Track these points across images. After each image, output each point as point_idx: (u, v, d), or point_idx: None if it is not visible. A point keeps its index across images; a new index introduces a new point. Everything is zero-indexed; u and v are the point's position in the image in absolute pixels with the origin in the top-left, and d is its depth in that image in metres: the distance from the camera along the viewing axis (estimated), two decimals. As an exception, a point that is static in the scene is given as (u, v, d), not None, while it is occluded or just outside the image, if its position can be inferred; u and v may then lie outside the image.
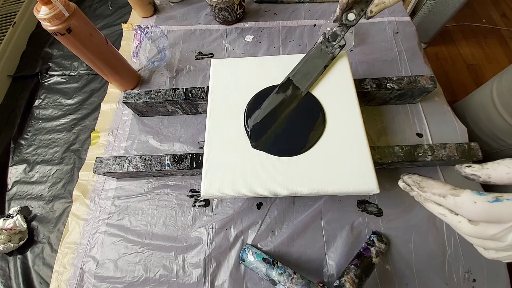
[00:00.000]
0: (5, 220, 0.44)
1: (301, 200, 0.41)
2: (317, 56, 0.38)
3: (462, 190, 0.19)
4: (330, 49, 0.37)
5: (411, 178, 0.23)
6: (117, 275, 0.38)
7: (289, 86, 0.38)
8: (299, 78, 0.38)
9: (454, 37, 1.34)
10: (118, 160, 0.40)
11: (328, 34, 0.37)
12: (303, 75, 0.38)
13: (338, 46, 0.37)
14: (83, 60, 0.43)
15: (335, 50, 0.37)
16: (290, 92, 0.37)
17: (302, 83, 0.37)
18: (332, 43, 0.37)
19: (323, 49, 0.37)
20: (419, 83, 0.41)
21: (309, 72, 0.38)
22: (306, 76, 0.37)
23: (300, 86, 0.37)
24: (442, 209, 0.21)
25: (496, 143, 0.49)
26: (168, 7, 0.64)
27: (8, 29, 0.67)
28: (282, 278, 0.32)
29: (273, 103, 0.37)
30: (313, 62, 0.38)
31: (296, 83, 0.38)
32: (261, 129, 0.36)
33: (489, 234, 0.18)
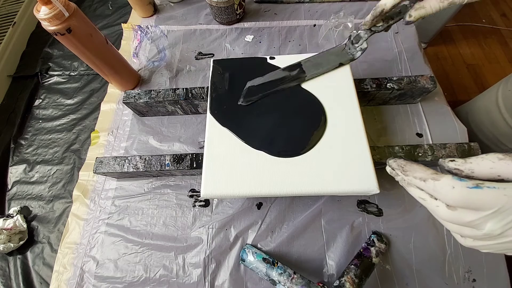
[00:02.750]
0: (5, 220, 0.44)
1: (301, 200, 0.41)
2: (335, 53, 0.38)
3: (443, 175, 0.19)
4: (352, 50, 0.37)
5: (396, 162, 0.23)
6: (117, 275, 0.38)
7: (297, 68, 0.39)
8: (309, 66, 0.39)
9: (454, 37, 1.34)
10: (118, 160, 0.40)
11: (353, 37, 0.37)
12: (315, 64, 0.39)
13: (360, 48, 0.37)
14: (83, 60, 0.43)
15: (356, 53, 0.37)
16: (295, 74, 0.39)
17: (310, 70, 0.38)
18: (354, 45, 0.37)
19: (345, 50, 0.38)
20: (419, 83, 0.41)
21: (322, 63, 0.38)
22: (316, 66, 0.38)
23: (307, 72, 0.38)
24: (423, 193, 0.21)
25: (497, 148, 0.50)
26: (168, 7, 0.64)
27: (8, 29, 0.67)
28: (282, 278, 0.32)
29: (275, 76, 0.39)
30: (329, 57, 0.38)
31: (304, 68, 0.39)
32: (254, 92, 0.38)
33: (466, 220, 0.18)
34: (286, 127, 0.36)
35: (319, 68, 0.38)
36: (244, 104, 0.38)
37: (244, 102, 0.38)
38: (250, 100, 0.38)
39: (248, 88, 0.39)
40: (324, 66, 0.38)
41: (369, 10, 0.58)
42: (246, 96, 0.38)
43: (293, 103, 0.38)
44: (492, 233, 0.17)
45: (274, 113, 0.37)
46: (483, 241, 0.19)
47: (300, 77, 0.38)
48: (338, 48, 0.38)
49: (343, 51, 0.38)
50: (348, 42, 0.38)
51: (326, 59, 0.38)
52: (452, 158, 0.21)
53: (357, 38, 0.37)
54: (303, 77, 0.38)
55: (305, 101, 0.38)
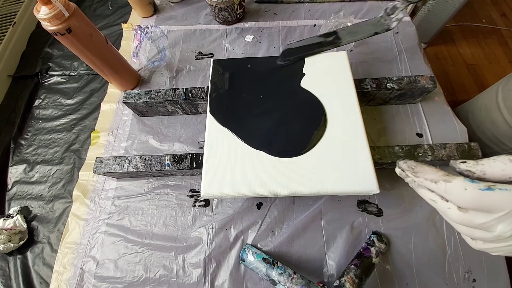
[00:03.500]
0: (5, 220, 0.44)
1: (301, 200, 0.41)
2: (371, 23, 0.39)
3: (455, 176, 0.19)
4: (388, 21, 0.38)
5: (407, 163, 0.23)
6: (117, 275, 0.38)
7: (333, 35, 0.41)
8: (345, 34, 0.40)
9: (454, 37, 1.34)
10: (118, 160, 0.40)
11: (389, 8, 0.38)
12: (350, 33, 0.40)
13: (395, 19, 0.38)
14: (83, 60, 0.43)
15: (392, 23, 0.38)
16: (331, 39, 0.40)
17: (345, 37, 0.40)
18: (390, 16, 0.38)
19: (380, 21, 0.39)
20: (419, 83, 0.41)
21: (357, 32, 0.40)
22: (352, 34, 0.40)
23: (342, 38, 0.40)
24: (433, 195, 0.20)
25: (498, 147, 0.50)
26: (168, 7, 0.64)
27: (8, 29, 0.67)
28: (282, 278, 0.32)
29: (312, 40, 0.41)
30: (365, 27, 0.40)
31: (340, 35, 0.40)
32: (291, 53, 0.40)
33: (478, 222, 0.18)
34: (286, 127, 0.36)
35: (355, 36, 0.39)
36: (281, 63, 0.40)
37: (282, 60, 0.40)
38: (287, 60, 0.40)
39: (285, 49, 0.41)
40: (359, 34, 0.39)
41: (369, 10, 0.59)
42: (284, 56, 0.40)
43: (293, 103, 0.38)
44: (503, 235, 0.17)
45: (274, 113, 0.37)
46: (494, 243, 0.18)
47: (336, 43, 0.40)
48: (373, 20, 0.39)
49: (378, 22, 0.39)
50: (383, 14, 0.38)
51: (362, 28, 0.40)
52: (463, 159, 0.20)
53: (393, 9, 0.37)
54: (339, 43, 0.40)
55: (305, 101, 0.38)
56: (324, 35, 0.41)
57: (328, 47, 0.40)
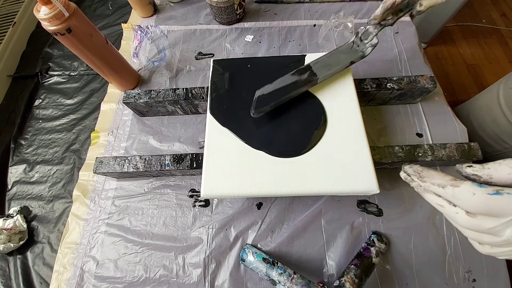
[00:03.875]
0: (5, 220, 0.44)
1: (301, 200, 0.41)
2: (345, 52, 0.37)
3: (462, 181, 0.19)
4: (362, 47, 0.36)
5: (412, 167, 0.23)
6: (117, 275, 0.38)
7: (307, 71, 0.37)
8: (319, 67, 0.37)
9: (454, 37, 1.34)
10: (118, 160, 0.40)
11: (361, 33, 0.36)
12: (325, 65, 0.37)
13: (370, 45, 0.35)
14: (83, 60, 0.43)
15: (366, 49, 0.36)
16: (306, 77, 0.36)
17: (321, 72, 0.36)
18: (364, 42, 0.36)
19: (353, 47, 0.36)
20: (419, 83, 0.41)
21: (332, 64, 0.37)
22: (327, 67, 0.37)
23: (318, 74, 0.36)
24: (440, 200, 0.20)
25: (499, 145, 0.50)
26: (168, 7, 0.64)
27: (8, 29, 0.67)
28: (282, 278, 0.32)
29: (285, 81, 0.37)
30: (339, 56, 0.37)
31: (314, 70, 0.37)
32: (265, 101, 0.36)
33: (486, 227, 0.18)
34: (286, 127, 0.36)
35: (331, 69, 0.36)
36: (256, 116, 0.35)
37: (256, 113, 0.35)
38: (262, 111, 0.35)
39: (258, 97, 0.36)
40: (335, 66, 0.36)
41: (369, 10, 0.59)
42: (258, 107, 0.35)
43: (293, 103, 0.38)
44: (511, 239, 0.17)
45: (274, 113, 0.37)
46: (502, 247, 0.18)
47: (312, 80, 0.36)
48: (346, 47, 0.37)
49: (352, 49, 0.36)
50: (356, 39, 0.36)
51: (336, 58, 0.37)
52: (469, 163, 0.20)
53: (366, 35, 0.35)
54: (315, 80, 0.36)
55: (305, 101, 0.38)
56: (297, 72, 0.37)
57: (304, 87, 0.36)
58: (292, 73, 0.37)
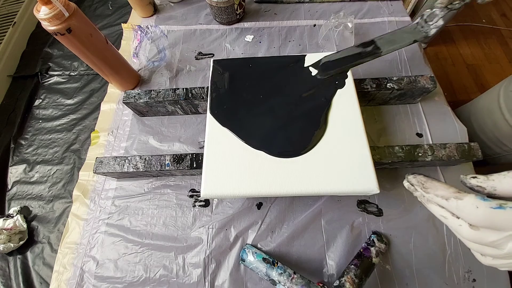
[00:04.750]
0: (5, 220, 0.44)
1: (301, 200, 0.41)
2: (409, 31, 0.38)
3: (466, 194, 0.19)
4: (426, 28, 0.37)
5: (416, 178, 0.23)
6: (117, 275, 0.38)
7: (371, 44, 0.39)
8: (383, 42, 0.39)
9: (454, 37, 1.34)
10: (118, 160, 0.40)
11: (427, 15, 0.37)
12: (389, 41, 0.39)
13: (434, 26, 0.36)
14: (83, 60, 0.43)
15: (430, 30, 0.37)
16: (370, 49, 0.39)
17: (384, 46, 0.39)
18: (428, 23, 0.37)
19: (417, 28, 0.38)
20: (419, 83, 0.41)
21: (396, 40, 0.39)
22: (391, 42, 0.39)
23: (382, 48, 0.39)
24: (444, 211, 0.20)
25: (499, 148, 0.49)
26: (168, 7, 0.64)
27: (8, 29, 0.67)
28: (282, 278, 0.32)
29: (351, 51, 0.40)
30: (403, 35, 0.39)
31: (378, 45, 0.39)
32: (330, 67, 0.39)
33: (489, 240, 0.18)
34: (286, 127, 0.36)
35: (394, 44, 0.38)
36: (321, 77, 0.39)
37: (322, 75, 0.39)
38: (327, 74, 0.39)
39: (324, 63, 0.40)
40: (398, 43, 0.38)
41: (369, 10, 0.59)
42: (323, 70, 0.39)
43: (294, 103, 0.38)
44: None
45: (274, 113, 0.37)
46: (504, 259, 0.19)
47: (376, 53, 0.39)
48: (410, 27, 0.38)
49: (415, 29, 0.38)
50: (420, 21, 0.38)
51: (400, 36, 0.39)
52: (473, 175, 0.20)
53: (431, 16, 0.36)
54: (379, 52, 0.39)
55: (307, 101, 0.38)
56: (362, 45, 0.40)
57: (368, 57, 0.39)
58: (357, 45, 0.40)
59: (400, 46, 0.38)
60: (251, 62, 0.42)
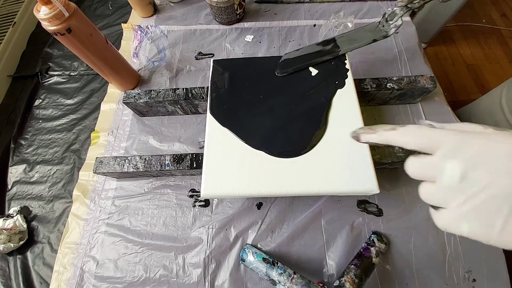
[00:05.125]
0: (5, 220, 0.44)
1: (301, 200, 0.41)
2: (370, 30, 0.39)
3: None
4: (386, 27, 0.38)
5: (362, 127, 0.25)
6: (117, 275, 0.38)
7: (331, 43, 0.40)
8: (343, 41, 0.39)
9: (454, 37, 1.34)
10: (118, 160, 0.40)
11: (387, 14, 0.37)
12: (349, 40, 0.39)
13: (394, 25, 0.37)
14: (83, 60, 0.43)
15: (390, 30, 0.37)
16: (329, 48, 0.40)
17: (344, 45, 0.39)
18: (389, 22, 0.37)
19: (378, 26, 0.38)
20: (419, 83, 0.41)
21: (356, 39, 0.39)
22: (350, 41, 0.39)
23: (341, 47, 0.39)
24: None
25: None
26: (168, 7, 0.64)
27: (8, 29, 0.67)
28: (282, 278, 0.32)
29: (310, 50, 0.40)
30: (363, 34, 0.39)
31: (338, 43, 0.39)
32: (289, 64, 0.40)
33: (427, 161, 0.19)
34: (286, 127, 0.36)
35: (353, 43, 0.39)
36: (280, 75, 0.40)
37: (280, 73, 0.40)
38: (285, 72, 0.39)
39: (284, 60, 0.40)
40: (358, 42, 0.39)
41: (369, 10, 0.59)
42: (282, 68, 0.40)
43: (294, 103, 0.38)
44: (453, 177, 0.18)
45: (274, 113, 0.37)
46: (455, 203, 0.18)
47: (335, 51, 0.39)
48: (371, 26, 0.39)
49: (376, 28, 0.38)
50: (382, 20, 0.38)
51: (360, 35, 0.39)
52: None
53: (391, 16, 0.37)
54: (337, 51, 0.39)
55: (308, 102, 0.38)
56: (322, 43, 0.40)
57: (326, 56, 0.39)
58: (318, 43, 0.41)
59: (359, 45, 0.39)
60: (251, 62, 0.42)
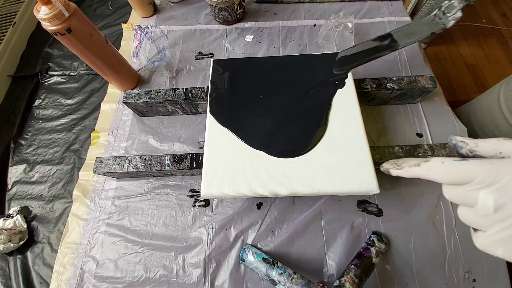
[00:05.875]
0: (5, 220, 0.44)
1: (301, 200, 0.41)
2: (426, 23, 0.37)
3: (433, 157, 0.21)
4: (444, 20, 0.36)
5: (388, 162, 0.25)
6: (117, 275, 0.38)
7: (388, 38, 0.38)
8: (400, 36, 0.38)
9: (454, 37, 1.34)
10: (118, 160, 0.40)
11: (445, 7, 0.35)
12: (406, 34, 0.38)
13: (452, 17, 0.35)
14: (83, 60, 0.43)
15: (449, 22, 0.36)
16: (387, 43, 0.38)
17: (401, 39, 0.37)
18: (446, 15, 0.35)
19: (435, 19, 0.36)
20: (419, 83, 0.41)
21: (413, 33, 0.37)
22: (408, 36, 0.37)
23: (399, 41, 0.37)
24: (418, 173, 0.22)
25: None
26: (168, 7, 0.64)
27: (8, 29, 0.67)
28: (282, 278, 0.32)
29: (367, 45, 0.39)
30: (420, 27, 0.37)
31: (395, 38, 0.38)
32: (347, 61, 0.39)
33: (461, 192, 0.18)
34: (286, 127, 0.36)
35: (411, 37, 0.37)
36: (339, 73, 0.39)
37: (339, 70, 0.39)
38: (343, 69, 0.39)
39: (340, 58, 0.39)
40: (416, 36, 0.37)
41: (369, 10, 0.59)
42: (340, 65, 0.39)
43: (294, 103, 0.38)
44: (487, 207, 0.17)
45: (274, 113, 0.37)
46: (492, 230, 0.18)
47: (393, 46, 0.38)
48: (427, 19, 0.37)
49: (433, 21, 0.37)
50: (438, 12, 0.36)
51: (417, 28, 0.37)
52: None
53: (449, 8, 0.35)
54: (396, 46, 0.37)
55: (308, 102, 0.38)
56: (379, 38, 0.39)
57: (385, 51, 0.38)
58: (373, 39, 0.39)
59: (417, 39, 0.37)
60: (251, 62, 0.42)
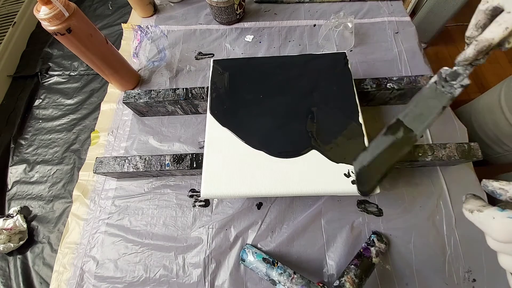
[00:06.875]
0: (5, 220, 0.44)
1: (301, 200, 0.41)
2: (431, 96, 0.32)
3: (488, 206, 0.18)
4: (448, 89, 0.31)
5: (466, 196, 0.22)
6: (117, 275, 0.38)
7: (399, 128, 0.33)
8: (411, 120, 0.33)
9: (454, 37, 1.34)
10: (118, 160, 0.40)
11: (446, 73, 0.31)
12: (416, 116, 0.33)
13: (459, 85, 0.31)
14: (83, 60, 0.43)
15: (455, 90, 0.31)
16: (402, 135, 0.33)
17: (415, 126, 0.32)
18: (451, 83, 0.31)
19: (438, 89, 0.32)
20: (419, 83, 0.41)
21: (423, 113, 0.32)
22: (420, 118, 0.32)
23: (414, 129, 0.32)
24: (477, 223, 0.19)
25: (500, 148, 0.49)
26: (168, 7, 0.64)
27: (8, 29, 0.67)
28: (282, 278, 0.32)
29: (381, 145, 0.33)
30: (427, 103, 0.32)
31: (408, 125, 0.33)
32: (369, 176, 0.32)
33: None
34: (286, 127, 0.36)
35: (424, 120, 0.32)
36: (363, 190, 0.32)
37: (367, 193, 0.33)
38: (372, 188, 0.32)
39: (359, 170, 0.33)
40: (428, 116, 0.32)
41: (369, 10, 0.59)
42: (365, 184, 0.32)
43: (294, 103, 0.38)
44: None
45: (274, 113, 0.37)
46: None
47: (412, 137, 0.32)
48: (429, 91, 0.32)
49: (436, 91, 0.32)
50: (438, 81, 0.32)
51: (426, 106, 0.32)
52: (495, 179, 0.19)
53: (453, 75, 0.31)
54: (414, 136, 0.32)
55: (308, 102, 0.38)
56: (389, 131, 0.33)
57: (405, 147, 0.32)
58: (384, 133, 0.34)
59: (432, 119, 0.32)
60: (251, 62, 0.42)
